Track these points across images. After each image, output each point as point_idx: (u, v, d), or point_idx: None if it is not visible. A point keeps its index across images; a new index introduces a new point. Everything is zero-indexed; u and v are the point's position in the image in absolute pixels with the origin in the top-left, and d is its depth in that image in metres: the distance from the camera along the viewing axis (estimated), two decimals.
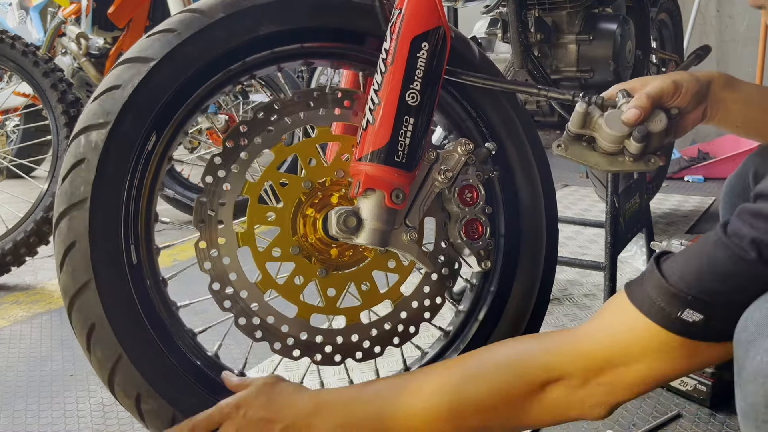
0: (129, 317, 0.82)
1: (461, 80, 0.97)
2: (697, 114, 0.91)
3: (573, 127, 0.90)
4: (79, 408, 1.41)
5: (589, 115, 0.89)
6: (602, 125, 0.87)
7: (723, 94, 0.91)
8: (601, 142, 0.89)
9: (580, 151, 0.92)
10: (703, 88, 0.90)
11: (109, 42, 2.74)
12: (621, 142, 0.88)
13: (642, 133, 0.84)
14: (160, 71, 0.83)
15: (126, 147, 0.82)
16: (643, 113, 0.86)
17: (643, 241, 1.94)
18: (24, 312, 1.97)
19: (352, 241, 0.86)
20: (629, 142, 0.86)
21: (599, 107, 0.89)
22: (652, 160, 0.89)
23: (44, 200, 2.16)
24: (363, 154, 0.86)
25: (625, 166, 0.90)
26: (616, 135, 0.87)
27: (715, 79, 0.91)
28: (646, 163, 0.89)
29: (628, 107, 0.86)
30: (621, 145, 0.88)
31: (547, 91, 0.95)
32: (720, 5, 3.60)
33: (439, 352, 1.04)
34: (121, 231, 0.81)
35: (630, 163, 0.89)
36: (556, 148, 0.92)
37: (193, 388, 0.86)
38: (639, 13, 1.86)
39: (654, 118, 0.86)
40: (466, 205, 0.93)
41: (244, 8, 0.87)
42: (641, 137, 0.84)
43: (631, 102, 0.86)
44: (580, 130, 0.90)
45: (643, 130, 0.84)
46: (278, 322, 0.90)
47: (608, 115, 0.87)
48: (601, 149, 0.90)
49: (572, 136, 0.92)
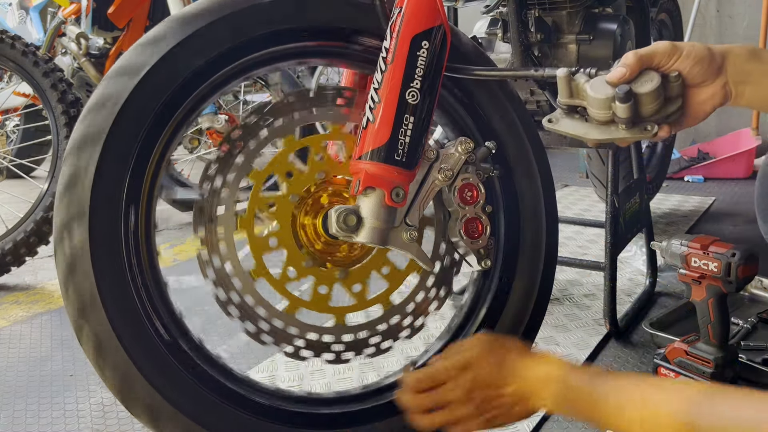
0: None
1: (461, 75, 0.97)
2: (715, 90, 0.81)
3: (562, 99, 0.85)
4: (79, 408, 1.41)
5: (574, 81, 0.84)
6: (587, 90, 0.82)
7: (748, 67, 0.80)
8: (591, 111, 0.83)
9: (572, 123, 0.86)
10: (715, 57, 0.79)
11: (109, 42, 2.74)
12: (609, 106, 0.81)
13: (623, 91, 0.77)
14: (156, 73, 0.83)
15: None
16: (628, 71, 0.78)
17: (643, 241, 1.94)
18: (24, 312, 1.97)
19: (352, 239, 0.86)
20: (615, 105, 0.79)
21: (588, 75, 0.84)
22: (648, 127, 0.81)
23: (44, 200, 2.16)
24: (363, 152, 0.85)
25: (618, 133, 0.82)
26: (601, 98, 0.80)
27: (734, 50, 0.80)
28: (641, 131, 0.81)
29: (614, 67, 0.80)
30: (610, 110, 0.81)
31: (544, 70, 0.91)
32: (720, 5, 3.60)
33: (438, 351, 1.03)
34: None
35: (623, 130, 0.82)
36: (547, 123, 0.87)
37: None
38: (639, 13, 1.86)
39: (642, 78, 0.79)
40: (466, 204, 0.93)
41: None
42: (623, 96, 0.77)
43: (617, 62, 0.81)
44: (569, 100, 0.85)
45: (624, 88, 0.77)
46: (320, 333, 0.92)
47: (594, 80, 0.82)
48: (593, 119, 0.85)
49: (564, 110, 0.87)
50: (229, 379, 0.88)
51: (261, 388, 0.91)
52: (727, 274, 1.25)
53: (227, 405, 0.84)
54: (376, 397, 0.95)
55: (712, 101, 0.82)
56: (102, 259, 0.78)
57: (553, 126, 0.87)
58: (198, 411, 0.82)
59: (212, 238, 0.86)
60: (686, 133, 3.76)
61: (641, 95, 0.79)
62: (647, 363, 1.46)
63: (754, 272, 1.27)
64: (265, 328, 0.88)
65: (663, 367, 1.33)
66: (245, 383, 0.90)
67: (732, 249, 1.26)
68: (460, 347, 0.89)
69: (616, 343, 1.57)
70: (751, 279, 1.29)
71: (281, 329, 0.89)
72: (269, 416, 0.88)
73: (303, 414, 0.91)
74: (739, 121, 3.57)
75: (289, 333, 0.90)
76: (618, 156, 1.64)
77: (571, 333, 1.61)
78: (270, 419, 0.88)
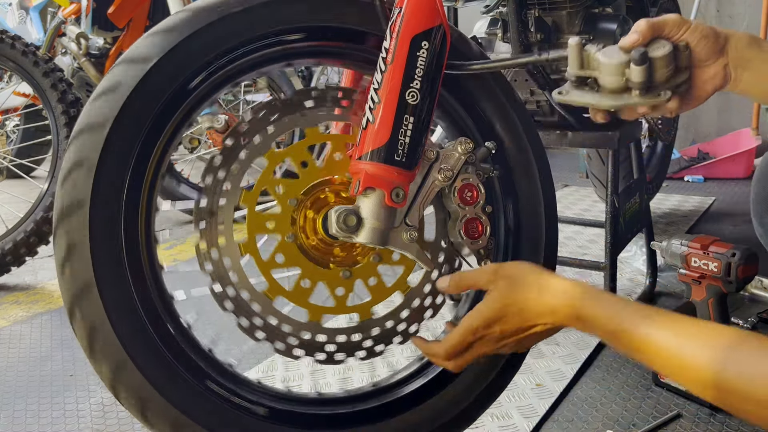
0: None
1: (461, 71, 0.96)
2: (717, 71, 0.83)
3: (571, 69, 0.85)
4: (79, 408, 1.41)
5: (585, 51, 0.84)
6: (599, 58, 0.82)
7: (749, 53, 0.82)
8: (604, 79, 0.83)
9: (581, 93, 0.86)
10: (720, 36, 0.82)
11: (109, 42, 2.74)
12: (622, 73, 0.81)
13: (639, 53, 0.78)
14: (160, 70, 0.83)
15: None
16: (641, 36, 0.80)
17: (643, 241, 1.94)
18: (24, 312, 1.97)
19: (352, 239, 0.86)
20: (630, 69, 0.80)
21: (599, 48, 0.84)
22: (661, 93, 0.81)
23: (44, 200, 2.16)
24: (363, 152, 0.85)
25: (630, 99, 0.83)
26: (615, 64, 0.81)
27: (735, 35, 0.83)
28: (654, 96, 0.82)
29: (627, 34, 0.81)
30: (623, 77, 0.81)
31: (547, 53, 0.91)
32: (720, 5, 3.60)
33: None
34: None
35: (636, 96, 0.82)
36: (557, 95, 0.87)
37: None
38: (639, 13, 1.87)
39: (655, 44, 0.81)
40: (466, 204, 0.93)
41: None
42: (640, 57, 0.78)
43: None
44: (580, 71, 0.85)
45: (639, 50, 0.78)
46: (353, 333, 0.93)
47: (606, 48, 0.83)
48: (605, 89, 0.84)
49: (574, 82, 0.86)
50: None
51: (271, 391, 0.91)
52: (727, 274, 1.25)
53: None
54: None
55: (713, 81, 0.84)
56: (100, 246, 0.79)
57: (564, 97, 0.87)
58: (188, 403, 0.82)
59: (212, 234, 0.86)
60: (686, 133, 3.77)
61: (655, 59, 0.80)
62: None
63: (754, 272, 1.27)
64: (294, 343, 0.90)
65: None
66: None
67: (732, 249, 1.26)
68: (472, 279, 0.88)
69: None
70: (751, 279, 1.29)
71: (311, 340, 0.91)
72: (271, 417, 0.88)
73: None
74: (739, 121, 3.57)
75: (318, 341, 0.91)
76: (618, 156, 1.64)
77: (571, 333, 1.61)
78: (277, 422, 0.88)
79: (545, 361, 1.49)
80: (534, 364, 1.47)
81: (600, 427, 1.24)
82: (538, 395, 1.35)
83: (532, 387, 1.39)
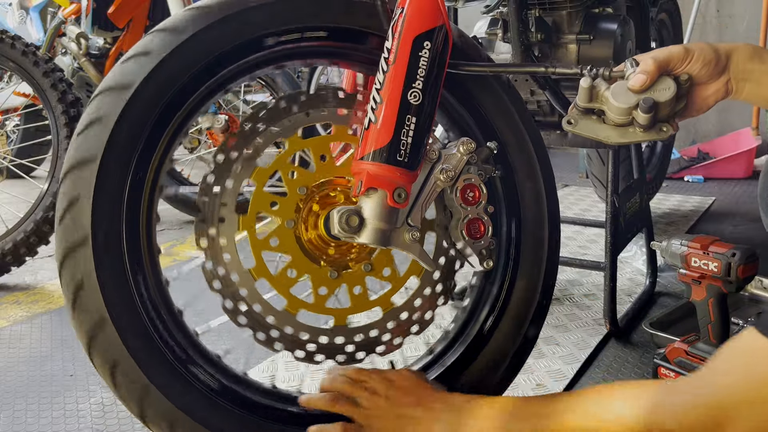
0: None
1: (464, 71, 0.97)
2: (719, 87, 0.87)
3: (581, 102, 0.90)
4: (79, 408, 1.41)
5: (594, 88, 0.88)
6: (609, 98, 0.86)
7: (750, 66, 0.86)
8: (610, 115, 0.88)
9: (590, 125, 0.90)
10: (721, 57, 0.86)
11: (109, 42, 2.73)
12: (629, 113, 0.86)
13: (648, 104, 0.83)
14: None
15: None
16: (649, 78, 0.84)
17: (643, 241, 1.94)
18: (24, 312, 1.97)
19: (354, 240, 0.86)
20: (637, 113, 0.85)
21: (606, 80, 0.88)
22: (663, 129, 0.87)
23: (44, 200, 2.16)
24: (365, 153, 0.85)
25: (636, 136, 0.88)
26: (623, 107, 0.86)
27: (738, 49, 0.87)
28: (657, 132, 0.87)
29: (634, 73, 0.85)
30: (630, 116, 0.87)
31: (554, 68, 0.93)
32: (720, 5, 3.60)
33: (441, 352, 1.03)
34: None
35: (641, 133, 0.87)
36: (566, 124, 0.91)
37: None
38: (639, 13, 1.87)
39: (661, 85, 0.85)
40: (468, 205, 0.93)
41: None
42: (647, 108, 0.83)
43: (637, 68, 0.85)
44: (588, 104, 0.89)
45: (648, 101, 0.83)
46: (321, 334, 0.93)
47: (614, 87, 0.86)
48: (611, 121, 0.89)
49: (581, 111, 0.91)
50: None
51: (257, 386, 0.91)
52: (727, 274, 1.25)
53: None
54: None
55: (715, 96, 0.88)
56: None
57: (573, 128, 0.91)
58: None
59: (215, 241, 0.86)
60: (686, 133, 3.77)
61: (660, 103, 0.84)
62: (647, 363, 1.46)
63: (754, 272, 1.27)
64: (311, 349, 0.91)
65: (663, 367, 1.33)
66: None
67: (732, 249, 1.26)
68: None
69: (616, 343, 1.57)
70: (751, 279, 1.29)
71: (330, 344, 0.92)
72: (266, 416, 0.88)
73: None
74: (739, 120, 3.58)
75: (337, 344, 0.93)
76: (618, 156, 1.64)
77: (571, 333, 1.61)
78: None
79: (545, 361, 1.49)
80: (534, 364, 1.47)
81: None
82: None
83: (533, 387, 1.38)
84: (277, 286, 0.90)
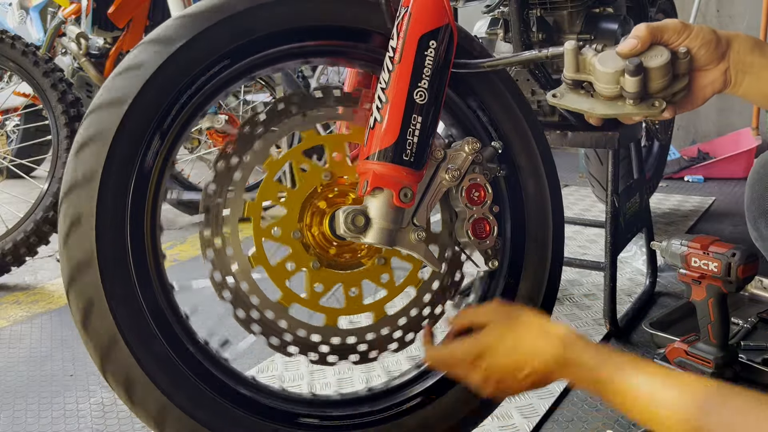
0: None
1: (467, 69, 0.96)
2: (717, 76, 0.82)
3: (568, 73, 0.84)
4: (79, 408, 1.41)
5: (582, 56, 0.83)
6: (596, 64, 0.81)
7: (750, 58, 0.81)
8: (598, 85, 0.81)
9: (576, 98, 0.85)
10: (721, 41, 0.80)
11: (109, 42, 2.73)
12: (617, 81, 0.79)
13: (634, 64, 0.76)
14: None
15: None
16: (639, 43, 0.78)
17: (643, 241, 1.94)
18: (24, 312, 1.97)
19: (360, 240, 0.86)
20: (625, 79, 0.78)
21: (596, 51, 0.83)
22: (655, 103, 0.80)
23: (44, 200, 2.16)
24: (371, 152, 0.85)
25: (624, 109, 0.81)
26: (609, 72, 0.79)
27: (739, 38, 0.81)
28: (648, 107, 0.80)
29: (624, 39, 0.80)
30: (618, 85, 0.80)
31: (548, 50, 0.89)
32: (720, 5, 3.61)
33: None
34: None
35: (630, 106, 0.81)
36: (551, 98, 0.86)
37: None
38: (639, 13, 1.87)
39: (652, 52, 0.78)
40: (473, 204, 0.92)
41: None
42: (634, 69, 0.76)
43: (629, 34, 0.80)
44: (575, 75, 0.84)
45: (634, 61, 0.76)
46: (312, 332, 0.92)
47: (603, 54, 0.81)
48: (599, 95, 0.82)
49: (569, 85, 0.85)
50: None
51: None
52: (727, 274, 1.26)
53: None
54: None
55: (713, 86, 0.83)
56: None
57: (558, 101, 0.86)
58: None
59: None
60: (686, 133, 3.78)
61: (651, 69, 0.78)
62: None
63: (754, 272, 1.28)
64: (325, 352, 0.91)
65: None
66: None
67: (732, 249, 1.26)
68: (476, 315, 0.90)
69: (616, 343, 1.58)
70: (751, 279, 1.29)
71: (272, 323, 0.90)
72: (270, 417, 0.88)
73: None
74: (739, 120, 3.58)
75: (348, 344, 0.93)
76: (618, 156, 1.64)
77: None
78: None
79: None
80: None
81: (600, 427, 1.24)
82: (538, 395, 1.35)
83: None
84: (275, 277, 0.90)
